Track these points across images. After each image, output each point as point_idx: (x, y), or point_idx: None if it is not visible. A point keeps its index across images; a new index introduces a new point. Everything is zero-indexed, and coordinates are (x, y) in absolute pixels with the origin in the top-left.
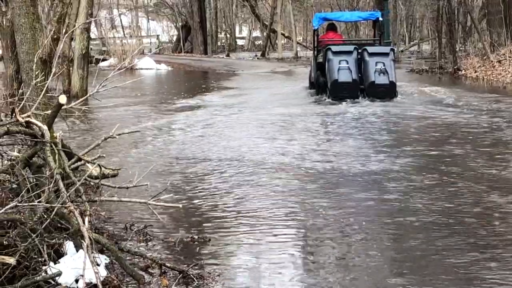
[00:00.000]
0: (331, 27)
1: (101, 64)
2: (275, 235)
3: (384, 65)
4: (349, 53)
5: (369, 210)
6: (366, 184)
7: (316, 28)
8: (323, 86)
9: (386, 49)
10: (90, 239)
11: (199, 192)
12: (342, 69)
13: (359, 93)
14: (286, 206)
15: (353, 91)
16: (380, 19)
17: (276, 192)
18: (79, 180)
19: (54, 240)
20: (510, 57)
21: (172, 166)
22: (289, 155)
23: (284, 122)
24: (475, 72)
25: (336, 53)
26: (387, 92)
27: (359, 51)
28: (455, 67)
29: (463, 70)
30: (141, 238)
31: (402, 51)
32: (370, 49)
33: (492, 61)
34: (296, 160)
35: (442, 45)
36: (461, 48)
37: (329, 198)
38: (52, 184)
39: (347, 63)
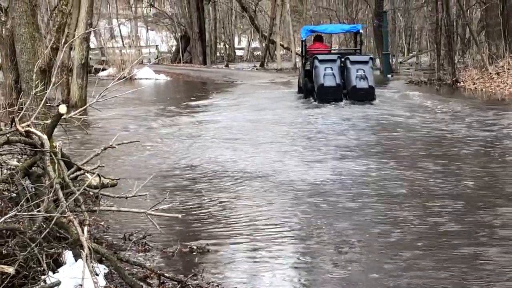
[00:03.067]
0: (318, 38)
1: (100, 74)
2: (274, 245)
3: (364, 72)
4: (333, 61)
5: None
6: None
7: (304, 39)
8: (311, 90)
9: (365, 58)
10: (89, 249)
11: (197, 201)
12: (328, 75)
13: (342, 96)
14: (283, 216)
15: (337, 94)
16: (361, 31)
17: (273, 202)
18: (78, 190)
19: (53, 249)
20: (508, 69)
21: (171, 175)
22: (284, 166)
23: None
24: (474, 84)
25: (322, 61)
26: (367, 95)
27: (342, 59)
28: (454, 78)
29: (462, 82)
30: (140, 248)
31: (400, 62)
32: (352, 57)
33: (490, 73)
34: (290, 170)
35: (441, 57)
36: (459, 60)
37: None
38: (51, 193)
39: (332, 70)
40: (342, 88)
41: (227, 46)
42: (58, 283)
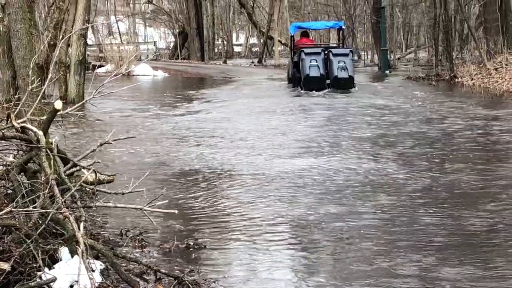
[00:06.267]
0: (305, 34)
1: (98, 70)
2: (271, 241)
3: (345, 63)
4: (318, 54)
5: None
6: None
7: (292, 34)
8: (298, 80)
9: (346, 51)
10: (85, 245)
11: (194, 198)
12: (313, 66)
13: (326, 85)
14: (278, 212)
15: (321, 83)
16: (343, 27)
17: (271, 197)
18: (74, 186)
19: (49, 245)
20: (506, 64)
21: (166, 171)
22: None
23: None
24: (472, 79)
25: (308, 54)
26: (347, 84)
27: (326, 52)
28: (452, 74)
29: (460, 78)
30: (136, 244)
31: (398, 58)
32: (334, 50)
33: (488, 69)
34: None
35: (439, 53)
36: (457, 56)
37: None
38: (47, 189)
39: (317, 61)
40: (326, 78)
41: (225, 42)
42: (54, 280)
